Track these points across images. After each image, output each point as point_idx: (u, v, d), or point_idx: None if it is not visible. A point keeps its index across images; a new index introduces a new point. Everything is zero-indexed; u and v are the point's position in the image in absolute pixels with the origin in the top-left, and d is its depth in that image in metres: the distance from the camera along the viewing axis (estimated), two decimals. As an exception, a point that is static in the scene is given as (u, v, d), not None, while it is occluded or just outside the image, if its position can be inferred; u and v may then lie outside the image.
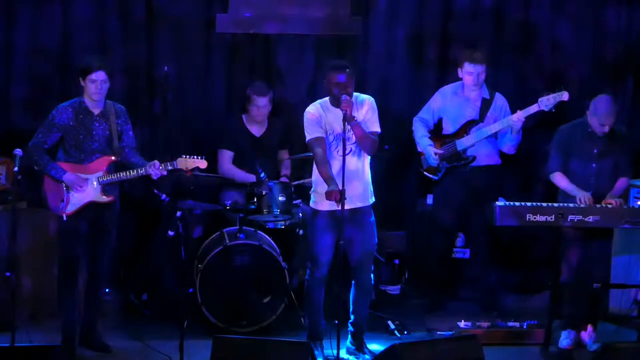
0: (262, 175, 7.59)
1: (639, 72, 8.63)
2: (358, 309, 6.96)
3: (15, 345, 6.28)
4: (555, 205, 7.01)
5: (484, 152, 7.86)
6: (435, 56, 8.60)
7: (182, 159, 6.89)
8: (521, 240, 8.45)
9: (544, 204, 7.00)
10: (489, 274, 8.02)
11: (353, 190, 6.65)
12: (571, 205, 7.01)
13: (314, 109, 6.79)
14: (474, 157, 7.82)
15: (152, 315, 7.72)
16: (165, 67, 7.74)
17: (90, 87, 6.81)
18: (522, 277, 8.46)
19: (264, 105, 8.03)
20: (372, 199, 6.89)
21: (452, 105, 7.92)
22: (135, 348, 7.11)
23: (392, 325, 7.46)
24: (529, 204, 7.01)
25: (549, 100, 7.45)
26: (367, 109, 6.77)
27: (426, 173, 7.99)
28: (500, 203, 7.00)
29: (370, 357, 6.89)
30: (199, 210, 7.88)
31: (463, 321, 7.32)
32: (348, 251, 6.78)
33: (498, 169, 7.96)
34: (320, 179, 6.69)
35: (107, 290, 7.54)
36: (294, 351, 6.03)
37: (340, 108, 6.54)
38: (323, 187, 6.60)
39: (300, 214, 7.74)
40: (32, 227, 7.54)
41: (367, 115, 6.75)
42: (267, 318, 7.40)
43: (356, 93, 6.75)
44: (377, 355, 6.53)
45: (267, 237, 7.67)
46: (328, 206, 6.65)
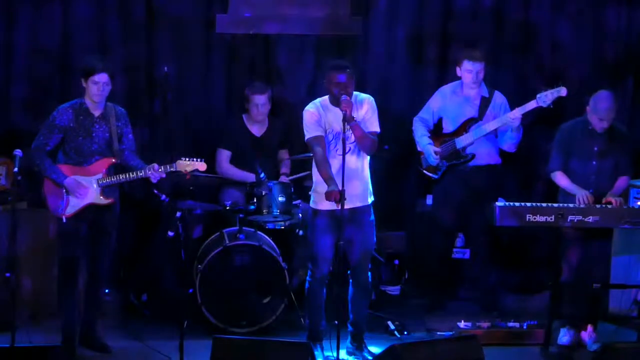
0: (262, 175, 7.59)
1: (639, 71, 8.63)
2: (357, 308, 6.95)
3: (15, 345, 6.29)
4: (555, 205, 7.01)
5: (484, 151, 7.85)
6: (435, 56, 8.60)
7: (181, 162, 6.87)
8: (521, 241, 8.44)
9: (544, 204, 7.00)
10: (488, 274, 8.02)
11: (353, 189, 6.64)
12: (571, 205, 7.00)
13: (313, 108, 6.78)
14: (473, 155, 7.81)
15: (152, 316, 7.72)
16: (165, 68, 7.72)
17: (92, 88, 6.80)
18: (522, 277, 8.45)
19: (262, 103, 8.03)
20: (372, 198, 6.88)
21: (452, 104, 7.92)
22: (135, 348, 7.11)
23: (392, 326, 7.46)
24: (529, 204, 7.01)
25: (547, 97, 7.44)
26: (366, 109, 6.76)
27: (426, 172, 7.99)
28: (500, 203, 7.00)
29: (370, 357, 6.88)
30: (199, 211, 7.88)
31: (463, 321, 7.32)
32: (348, 251, 6.77)
33: (498, 168, 7.96)
34: (320, 178, 6.68)
35: (107, 290, 7.54)
36: (293, 352, 6.03)
37: (340, 108, 6.53)
38: (323, 187, 6.59)
39: (300, 215, 7.74)
40: (32, 227, 7.54)
41: (367, 115, 6.75)
42: (267, 318, 7.39)
43: (356, 92, 6.75)
44: (377, 355, 6.53)
45: (267, 237, 7.67)
46: (328, 206, 6.64)
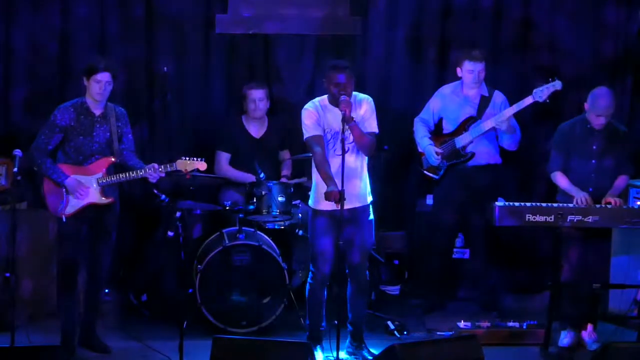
0: (262, 175, 7.59)
1: (638, 70, 8.62)
2: (356, 308, 6.94)
3: (14, 345, 6.29)
4: (555, 205, 7.01)
5: (484, 150, 7.85)
6: (434, 56, 8.59)
7: (182, 161, 6.87)
8: (521, 241, 8.43)
9: (544, 204, 7.00)
10: (488, 274, 8.02)
11: (352, 188, 6.64)
12: (571, 205, 7.00)
13: (312, 107, 6.77)
14: (472, 153, 7.81)
15: (152, 316, 7.72)
16: (165, 68, 7.74)
17: (94, 87, 6.79)
18: (522, 277, 8.45)
19: (260, 98, 8.00)
20: (370, 197, 6.88)
21: (451, 104, 7.91)
22: (135, 348, 7.10)
23: (391, 326, 7.46)
24: (529, 204, 7.01)
25: (542, 92, 7.44)
26: (365, 109, 6.75)
27: (427, 172, 7.98)
28: (500, 203, 7.00)
29: (370, 357, 6.88)
30: (199, 211, 7.88)
31: (463, 321, 7.32)
32: (347, 251, 6.76)
33: (499, 168, 7.95)
34: (320, 179, 6.67)
35: (106, 290, 7.54)
36: (293, 351, 6.02)
37: (339, 108, 6.53)
38: (322, 187, 6.58)
39: (300, 215, 7.73)
40: (32, 227, 7.53)
41: (366, 116, 6.74)
42: (267, 318, 7.39)
43: (355, 93, 6.74)
44: (377, 355, 6.53)
45: (266, 237, 7.67)
46: (328, 206, 6.63)
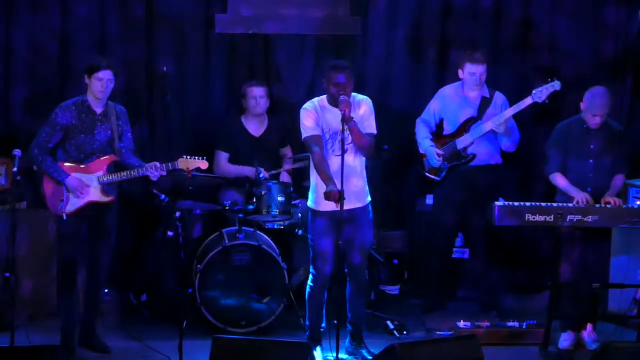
0: (261, 175, 7.59)
1: (638, 70, 8.62)
2: (355, 307, 6.94)
3: (14, 345, 6.30)
4: (555, 205, 7.01)
5: (485, 151, 7.84)
6: (434, 56, 8.59)
7: (183, 159, 6.87)
8: (521, 240, 8.43)
9: (543, 204, 7.00)
10: (488, 273, 8.01)
11: (351, 187, 6.63)
12: (570, 205, 7.00)
13: (310, 107, 6.76)
14: (474, 155, 7.80)
15: (151, 316, 7.72)
16: (164, 67, 7.74)
17: (96, 85, 6.79)
18: (522, 277, 8.45)
19: (260, 95, 8.00)
20: (369, 197, 6.88)
21: (452, 105, 7.91)
22: (135, 348, 7.10)
23: (391, 325, 7.46)
24: (528, 203, 7.01)
25: (541, 92, 7.44)
26: (364, 110, 6.75)
27: (428, 174, 7.97)
28: (500, 203, 7.00)
29: (369, 357, 6.88)
30: (198, 211, 7.88)
31: (462, 321, 7.31)
32: (346, 251, 6.76)
33: (499, 167, 7.95)
34: (319, 179, 6.66)
35: (106, 290, 7.54)
36: (293, 351, 6.02)
37: (339, 108, 6.53)
38: (322, 188, 6.57)
39: (300, 214, 7.73)
40: (32, 227, 7.53)
41: (365, 116, 6.73)
42: (266, 318, 7.39)
43: (354, 93, 6.74)
44: (376, 355, 6.53)
45: (266, 237, 7.67)
46: (327, 207, 6.62)
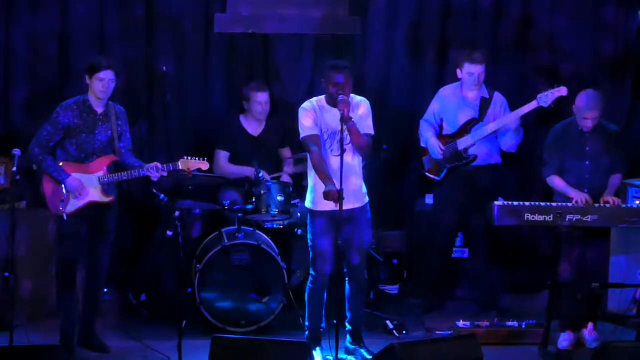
0: (261, 174, 7.59)
1: (638, 71, 8.62)
2: (354, 307, 6.93)
3: (13, 345, 6.29)
4: (554, 204, 7.01)
5: (485, 151, 7.83)
6: (433, 56, 8.59)
7: (184, 160, 6.87)
8: (520, 240, 8.43)
9: (543, 204, 7.00)
10: (487, 273, 8.01)
11: (350, 186, 6.63)
12: (569, 204, 7.00)
13: (309, 106, 6.76)
14: (475, 156, 7.79)
15: (151, 315, 7.71)
16: (164, 67, 7.73)
17: (97, 85, 6.78)
18: (521, 276, 8.44)
19: (265, 100, 8.03)
20: (367, 197, 6.87)
21: (451, 105, 7.90)
22: (134, 348, 7.10)
23: (390, 325, 7.45)
24: (528, 203, 7.01)
25: (547, 97, 7.44)
26: (362, 111, 6.74)
27: (428, 174, 7.97)
28: (499, 203, 7.00)
29: (368, 356, 6.87)
30: (198, 210, 7.88)
31: (462, 321, 7.31)
32: (346, 250, 6.75)
33: (499, 167, 7.95)
34: (317, 179, 6.65)
35: (105, 290, 7.53)
36: (292, 351, 6.03)
37: (338, 108, 6.53)
38: (320, 188, 6.57)
39: (299, 214, 7.73)
40: (31, 227, 7.52)
41: (363, 117, 6.72)
42: (266, 318, 7.39)
43: (352, 94, 6.73)
44: (376, 354, 6.53)
45: (265, 236, 7.68)
46: (326, 207, 6.61)
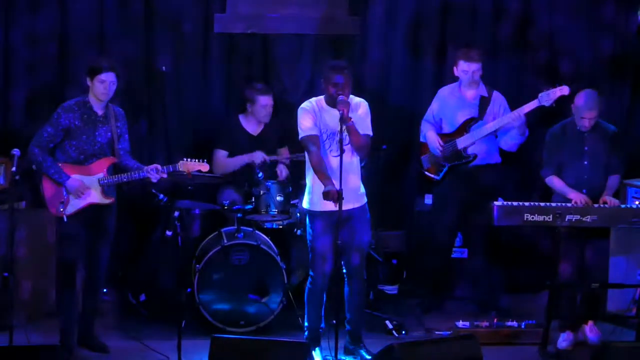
0: (260, 175, 7.59)
1: (638, 71, 8.62)
2: (354, 307, 6.93)
3: (13, 345, 6.29)
4: (554, 205, 7.01)
5: (484, 150, 7.82)
6: (433, 55, 8.58)
7: (184, 162, 6.87)
8: (520, 240, 8.43)
9: (542, 204, 7.00)
10: (487, 273, 8.01)
11: (349, 187, 6.62)
12: (569, 205, 7.00)
13: (308, 107, 6.76)
14: (475, 155, 7.78)
15: (150, 315, 7.70)
16: (163, 67, 7.73)
17: (98, 87, 6.77)
18: (521, 276, 8.44)
19: (271, 104, 8.04)
20: (365, 197, 6.87)
21: (449, 105, 7.89)
22: (133, 348, 7.10)
23: (390, 325, 7.46)
24: (527, 203, 7.01)
25: (548, 96, 7.43)
26: (361, 112, 6.74)
27: (427, 173, 7.96)
28: (499, 203, 7.00)
29: (368, 356, 6.87)
30: (197, 210, 7.88)
31: (461, 321, 7.31)
32: (345, 251, 6.74)
33: (498, 167, 7.94)
34: (316, 180, 6.65)
35: (105, 290, 7.54)
36: (292, 351, 6.03)
37: (338, 108, 6.53)
38: (319, 188, 6.57)
39: (298, 214, 7.72)
40: (31, 227, 7.51)
41: (362, 118, 6.72)
42: (265, 318, 7.39)
43: (351, 96, 6.73)
44: (375, 355, 6.53)
45: (265, 236, 7.68)
46: (325, 207, 6.61)
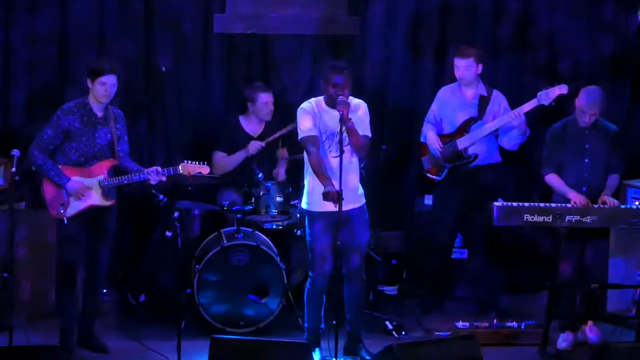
0: (260, 175, 7.60)
1: (638, 71, 8.62)
2: (354, 308, 6.92)
3: (13, 345, 6.29)
4: (553, 205, 7.00)
5: (484, 150, 7.81)
6: (433, 56, 8.59)
7: (184, 164, 6.86)
8: (520, 241, 8.43)
9: (542, 204, 7.00)
10: (487, 273, 8.01)
11: (349, 188, 6.62)
12: (569, 205, 7.00)
13: (308, 107, 6.75)
14: (475, 155, 7.76)
15: (150, 316, 7.70)
16: (163, 68, 7.73)
17: (99, 89, 6.76)
18: (521, 277, 8.44)
19: (271, 101, 8.05)
20: (364, 198, 6.87)
21: (449, 105, 7.89)
22: (133, 348, 7.10)
23: (389, 326, 7.45)
24: (527, 204, 7.01)
25: (548, 95, 7.43)
26: (361, 113, 6.74)
27: (429, 174, 7.95)
28: (499, 203, 7.00)
29: (368, 357, 6.87)
30: (197, 211, 7.88)
31: (461, 321, 7.31)
32: (345, 252, 6.73)
33: (499, 167, 7.93)
34: (316, 181, 6.65)
35: (105, 291, 7.54)
36: (291, 352, 6.03)
37: (337, 109, 6.53)
38: (319, 189, 6.57)
39: (298, 215, 7.72)
40: (31, 227, 7.51)
41: (361, 119, 6.72)
42: (265, 319, 7.39)
43: (351, 97, 6.72)
44: (375, 355, 6.54)
45: (264, 237, 7.67)
46: (324, 208, 6.61)
